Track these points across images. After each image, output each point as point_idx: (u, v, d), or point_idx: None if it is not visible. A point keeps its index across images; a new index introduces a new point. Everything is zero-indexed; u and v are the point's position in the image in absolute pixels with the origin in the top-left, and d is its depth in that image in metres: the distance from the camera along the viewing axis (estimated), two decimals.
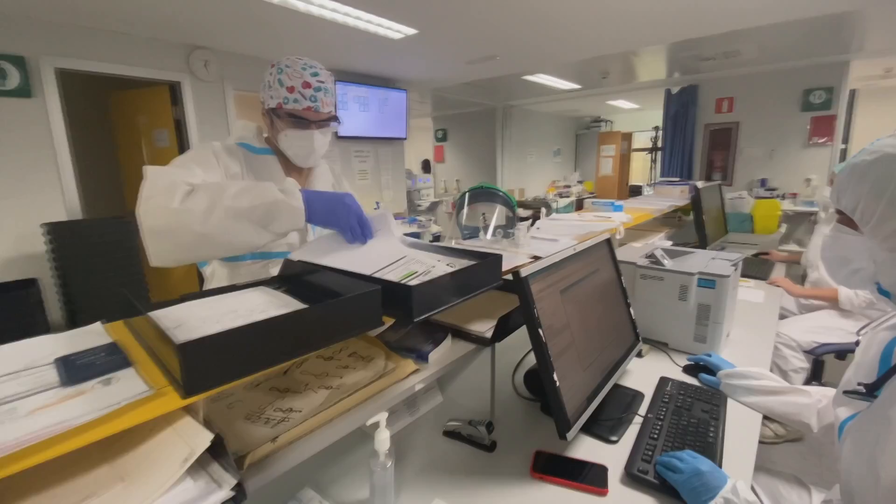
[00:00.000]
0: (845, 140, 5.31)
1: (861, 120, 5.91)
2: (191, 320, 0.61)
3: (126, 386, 0.47)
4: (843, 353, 2.05)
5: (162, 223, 0.77)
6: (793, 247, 4.26)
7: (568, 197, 7.23)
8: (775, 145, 4.94)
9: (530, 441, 0.97)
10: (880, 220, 0.62)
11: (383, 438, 0.72)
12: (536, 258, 0.97)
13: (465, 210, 1.15)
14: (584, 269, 1.11)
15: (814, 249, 2.32)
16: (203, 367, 0.44)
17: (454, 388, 1.17)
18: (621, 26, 3.24)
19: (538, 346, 0.85)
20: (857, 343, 0.81)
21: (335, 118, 1.14)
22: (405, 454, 0.94)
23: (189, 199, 0.77)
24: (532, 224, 1.32)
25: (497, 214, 1.10)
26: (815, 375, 2.14)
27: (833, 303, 2.03)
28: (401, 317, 0.61)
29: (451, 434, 0.99)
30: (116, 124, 3.87)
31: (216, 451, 0.51)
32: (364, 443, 0.98)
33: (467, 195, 1.15)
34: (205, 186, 0.79)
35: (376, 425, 0.73)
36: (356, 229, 0.88)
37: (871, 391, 0.65)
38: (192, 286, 3.53)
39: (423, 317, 0.61)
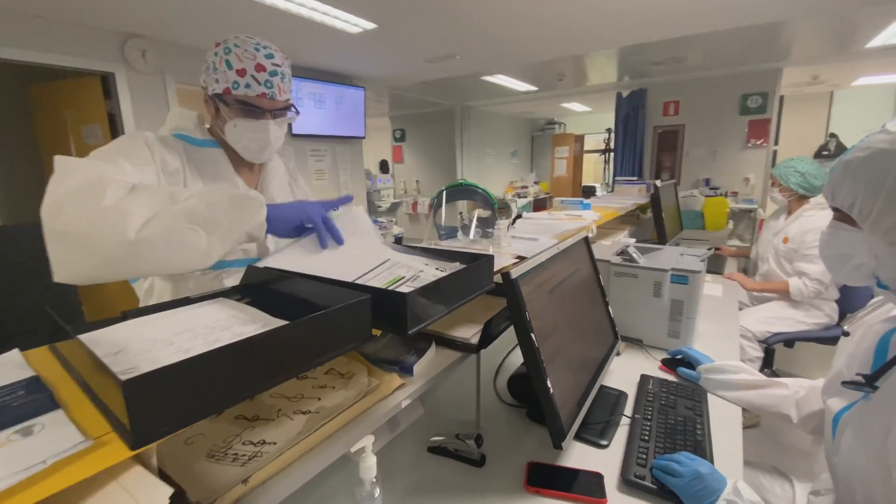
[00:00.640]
0: (776, 142, 5.73)
1: (787, 124, 6.41)
2: (135, 344, 0.51)
3: (53, 436, 0.37)
4: (792, 341, 2.18)
5: (79, 226, 0.60)
6: (736, 242, 4.54)
7: (525, 197, 7.35)
8: (717, 147, 5.25)
9: (520, 451, 0.92)
10: (879, 216, 0.63)
11: (369, 465, 0.64)
12: (521, 258, 0.92)
13: (444, 209, 1.08)
14: (567, 269, 1.07)
15: (763, 244, 2.45)
16: (156, 407, 0.35)
17: (435, 399, 1.10)
18: (576, 30, 3.31)
19: (530, 352, 0.80)
20: (844, 334, 0.82)
21: (292, 107, 1.01)
22: (388, 475, 0.86)
23: (126, 199, 0.62)
24: (513, 223, 1.28)
25: (477, 213, 1.05)
26: (767, 363, 2.26)
27: (784, 294, 2.15)
28: (392, 328, 0.54)
29: (436, 450, 0.92)
30: (39, 119, 3.47)
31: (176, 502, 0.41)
32: (343, 466, 0.89)
33: (445, 193, 1.09)
34: (151, 188, 0.66)
35: (361, 451, 0.65)
36: (332, 226, 0.79)
37: (871, 381, 0.65)
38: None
39: (419, 327, 0.54)
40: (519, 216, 1.47)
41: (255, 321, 0.57)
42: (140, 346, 0.51)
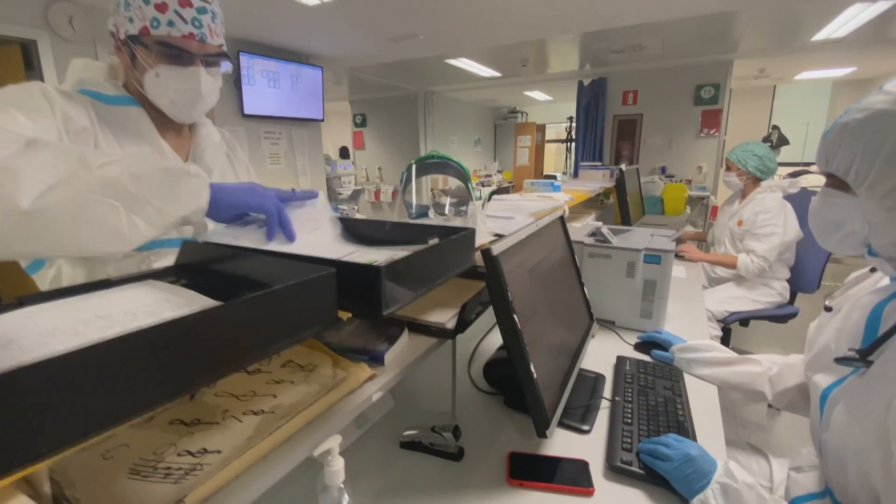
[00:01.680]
0: (725, 133, 6.00)
1: (734, 116, 6.73)
2: (29, 335, 0.39)
3: None
4: (748, 319, 2.26)
5: None
6: (690, 228, 4.73)
7: (489, 186, 7.34)
8: (673, 136, 5.42)
9: (499, 441, 0.86)
10: (876, 180, 0.60)
11: (336, 469, 0.56)
12: (499, 236, 0.85)
13: (413, 184, 0.99)
14: (545, 248, 1.02)
15: (719, 228, 2.53)
16: (36, 417, 0.25)
17: (406, 390, 1.02)
18: (539, 13, 3.27)
19: (512, 334, 0.74)
20: (827, 309, 0.81)
21: (226, 55, 0.86)
22: (357, 476, 0.78)
23: (19, 157, 0.48)
24: (489, 199, 1.21)
25: (451, 188, 0.97)
26: (724, 342, 2.34)
27: (731, 269, 2.23)
28: (364, 310, 0.45)
29: (410, 445, 0.84)
30: None
31: None
32: (305, 471, 0.80)
33: (415, 167, 0.99)
34: (56, 147, 0.51)
35: (326, 454, 0.56)
36: (286, 219, 0.66)
37: (864, 356, 0.63)
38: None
39: (396, 307, 0.46)
40: (495, 191, 1.40)
41: (191, 305, 0.47)
42: (35, 339, 0.39)
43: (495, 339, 1.26)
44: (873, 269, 0.78)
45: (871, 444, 0.59)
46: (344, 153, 7.31)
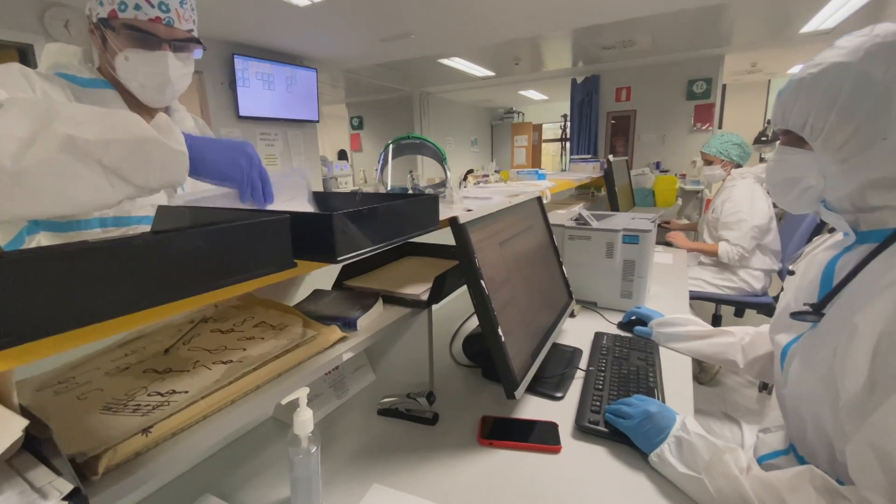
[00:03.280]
0: (720, 128, 6.03)
1: (729, 112, 6.76)
2: None
3: None
4: (742, 308, 2.31)
5: None
6: (684, 221, 4.75)
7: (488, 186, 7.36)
8: (666, 131, 5.45)
9: (474, 408, 0.89)
10: (831, 132, 0.62)
11: (305, 419, 0.59)
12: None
13: (391, 165, 1.02)
14: (520, 224, 1.05)
15: (703, 218, 2.56)
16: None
17: (387, 365, 1.05)
18: (530, 9, 3.31)
19: (480, 298, 0.76)
20: (789, 272, 0.83)
21: (197, 41, 0.88)
22: (334, 440, 0.80)
23: None
24: (464, 179, 1.24)
25: (427, 169, 1.00)
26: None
27: (714, 257, 2.26)
28: (320, 256, 0.48)
29: (387, 412, 0.87)
30: None
31: (47, 450, 0.34)
32: (280, 438, 0.83)
33: (391, 147, 1.03)
34: (24, 101, 0.53)
35: (294, 405, 0.59)
36: (257, 186, 0.67)
37: (817, 309, 0.65)
38: None
39: (350, 256, 0.49)
40: (471, 171, 1.43)
41: None
42: None
43: (477, 322, 1.29)
44: (832, 231, 0.80)
45: (821, 392, 0.61)
46: (342, 156, 7.36)
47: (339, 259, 0.47)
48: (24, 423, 0.30)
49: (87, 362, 0.56)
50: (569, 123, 6.37)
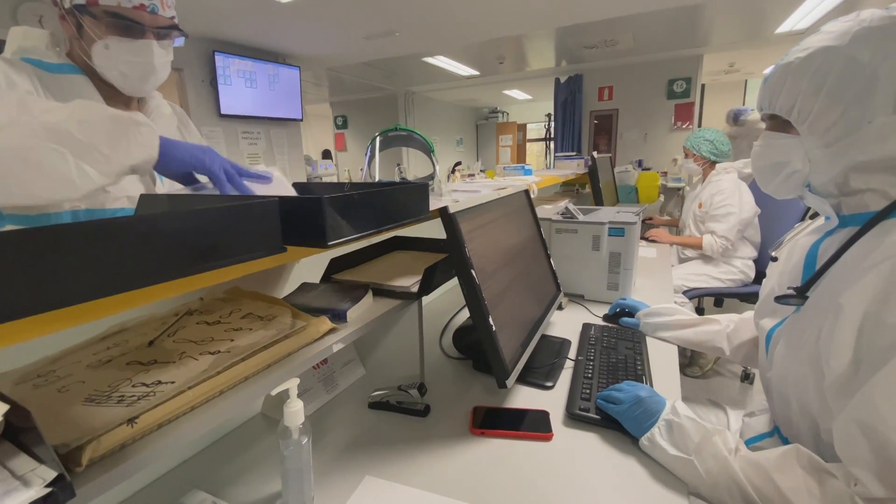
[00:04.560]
0: (699, 126, 6.16)
1: (708, 110, 6.90)
2: None
3: None
4: (720, 298, 2.35)
5: None
6: (666, 217, 4.84)
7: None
8: (648, 129, 5.54)
9: (466, 399, 0.89)
10: (818, 116, 0.63)
11: (295, 410, 0.58)
12: None
13: (378, 158, 1.01)
14: (508, 217, 1.05)
15: (685, 212, 2.61)
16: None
17: (377, 359, 1.04)
18: (513, 7, 3.33)
19: (471, 288, 0.76)
20: (773, 259, 0.85)
21: (178, 28, 0.85)
22: (325, 434, 0.79)
23: None
24: (452, 171, 1.24)
25: (414, 166, 0.99)
26: None
27: (698, 250, 2.31)
28: (310, 241, 0.47)
29: (378, 405, 0.86)
30: None
31: (28, 439, 0.33)
32: (270, 434, 0.81)
33: (378, 139, 1.02)
34: None
35: (284, 397, 0.58)
36: (232, 174, 0.64)
37: (801, 292, 0.67)
38: None
39: (341, 241, 0.48)
40: (458, 163, 1.43)
41: None
42: None
43: (468, 315, 1.29)
44: (814, 216, 0.82)
45: (806, 372, 0.63)
46: (326, 155, 7.30)
47: (329, 244, 0.47)
48: (5, 408, 0.29)
49: (68, 356, 0.54)
50: (553, 122, 6.43)
